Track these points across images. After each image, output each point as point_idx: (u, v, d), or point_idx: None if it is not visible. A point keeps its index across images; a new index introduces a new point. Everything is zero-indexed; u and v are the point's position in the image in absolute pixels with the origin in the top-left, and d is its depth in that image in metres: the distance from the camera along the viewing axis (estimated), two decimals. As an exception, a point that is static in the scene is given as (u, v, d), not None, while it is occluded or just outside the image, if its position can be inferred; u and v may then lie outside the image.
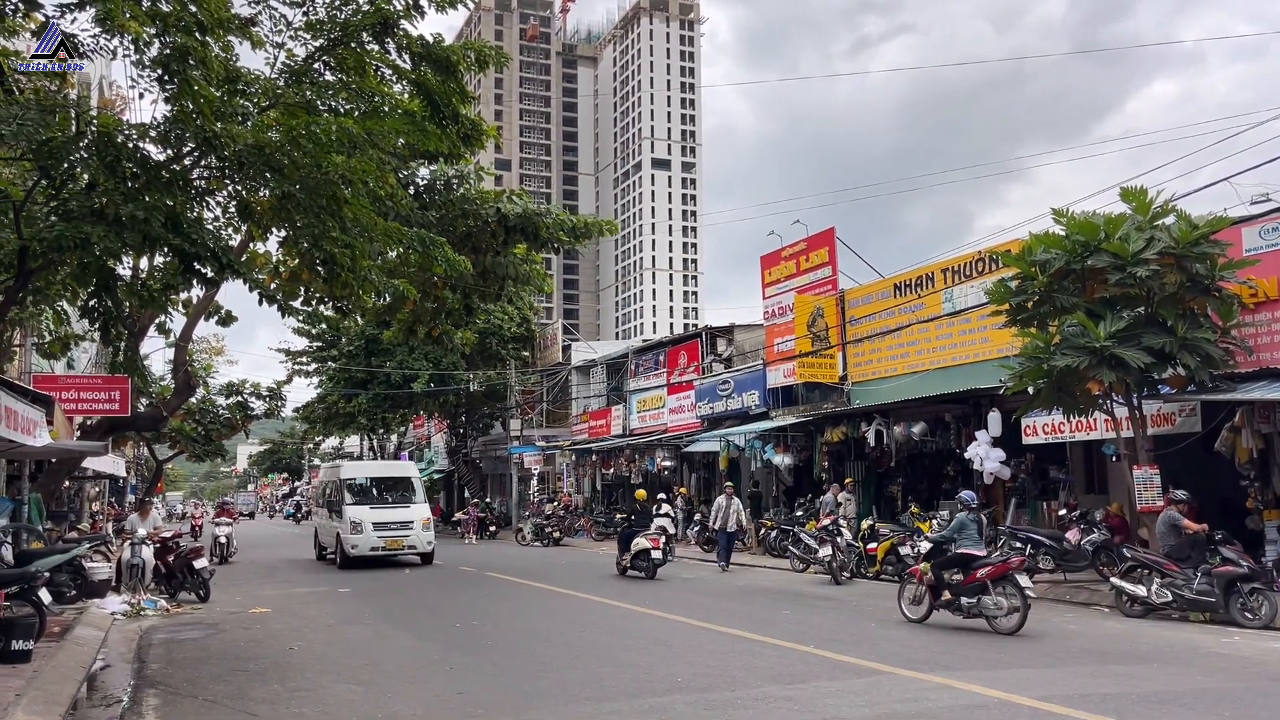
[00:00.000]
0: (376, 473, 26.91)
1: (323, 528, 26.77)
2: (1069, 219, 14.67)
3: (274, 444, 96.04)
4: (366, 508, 23.69)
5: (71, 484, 29.30)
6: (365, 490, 24.90)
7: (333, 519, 24.73)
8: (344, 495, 23.96)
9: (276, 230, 11.98)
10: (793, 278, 26.88)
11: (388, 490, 25.23)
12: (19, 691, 8.04)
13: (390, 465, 31.39)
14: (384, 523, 23.39)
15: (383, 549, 23.08)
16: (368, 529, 23.05)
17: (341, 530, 23.38)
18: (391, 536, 23.21)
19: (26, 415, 10.70)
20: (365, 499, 24.29)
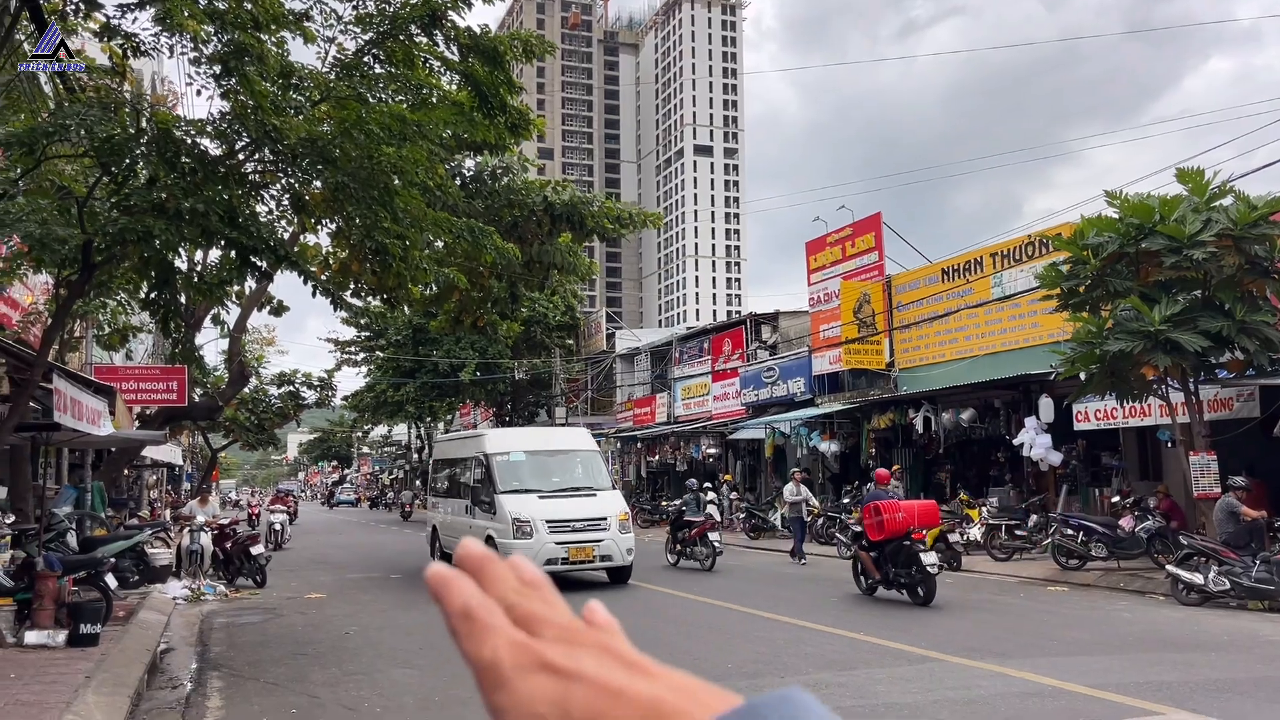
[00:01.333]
0: (540, 445, 17.93)
1: (447, 525, 18.89)
2: (1122, 201, 14.44)
3: (324, 433, 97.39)
4: (533, 498, 15.99)
5: (131, 472, 30.01)
6: (525, 471, 16.85)
7: (472, 515, 17.16)
8: (493, 479, 16.40)
9: (328, 222, 12.17)
10: (838, 263, 26.72)
11: (557, 472, 17.12)
12: (88, 674, 8.30)
13: (557, 434, 20.25)
14: (564, 521, 15.69)
15: (563, 562, 15.23)
16: (540, 531, 15.38)
17: (496, 532, 15.72)
18: (577, 543, 15.50)
19: (91, 406, 10.99)
20: (527, 484, 16.46)
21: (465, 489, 18.06)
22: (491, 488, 16.32)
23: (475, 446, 17.83)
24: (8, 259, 11.47)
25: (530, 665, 0.45)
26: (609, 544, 15.64)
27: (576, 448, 17.87)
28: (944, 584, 15.53)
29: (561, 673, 0.45)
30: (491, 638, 0.47)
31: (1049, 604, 13.28)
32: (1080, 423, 18.13)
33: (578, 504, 16.11)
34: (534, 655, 0.46)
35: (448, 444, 21.31)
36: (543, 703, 0.45)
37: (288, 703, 8.11)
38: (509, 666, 0.46)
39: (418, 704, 7.97)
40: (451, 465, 19.44)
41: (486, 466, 16.69)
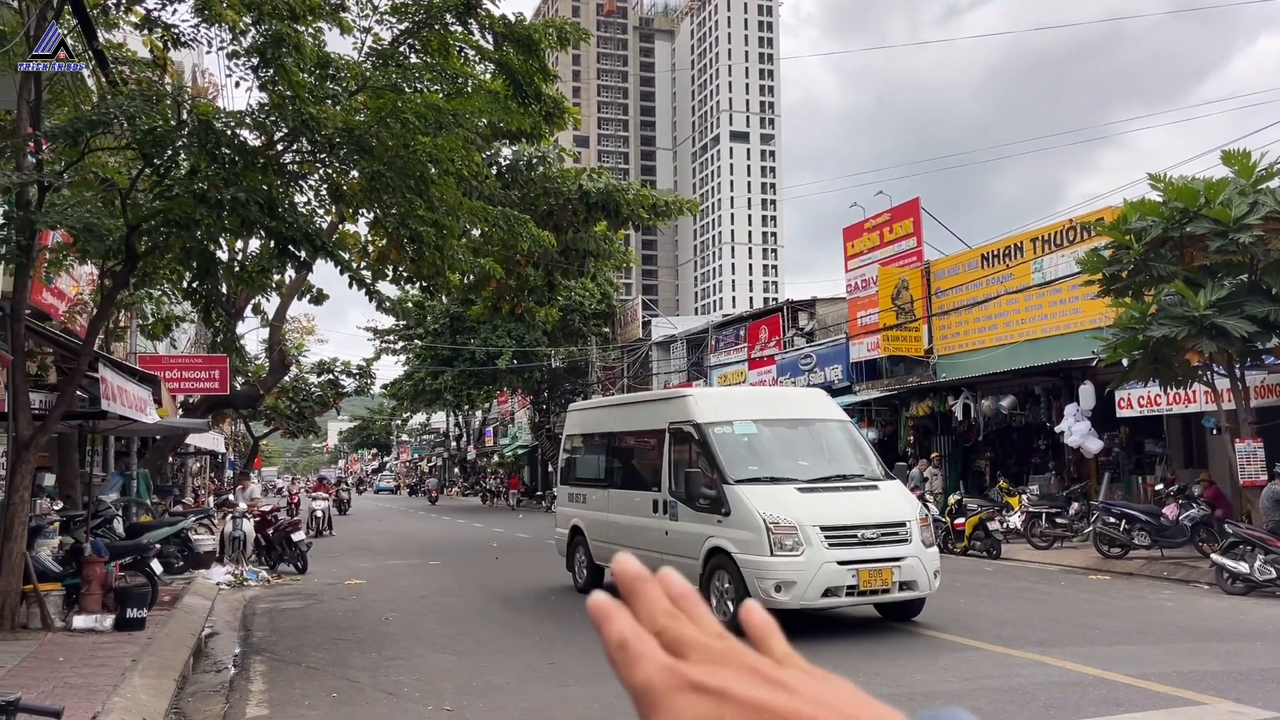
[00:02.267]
0: (775, 412, 12.04)
1: (608, 528, 13.14)
2: (1166, 184, 14.19)
3: (363, 420, 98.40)
4: (789, 491, 10.53)
5: (175, 459, 30.51)
6: (765, 451, 11.46)
7: (668, 515, 11.64)
8: (716, 462, 10.84)
9: (365, 211, 12.26)
10: (876, 249, 26.50)
11: (807, 451, 11.69)
12: (135, 657, 8.46)
13: (788, 396, 14.48)
14: (846, 529, 10.19)
15: (850, 591, 9.99)
16: (813, 544, 9.94)
17: (733, 544, 10.28)
18: (870, 562, 10.07)
19: (137, 394, 11.18)
20: (775, 471, 11.02)
21: (645, 476, 12.39)
22: (717, 475, 10.55)
23: (670, 413, 12.00)
24: (54, 250, 11.68)
25: (680, 687, 0.48)
26: (912, 564, 10.08)
27: (823, 416, 11.99)
28: (983, 571, 15.42)
29: (709, 692, 0.47)
30: (644, 665, 0.49)
31: (1090, 593, 13.13)
32: (1123, 409, 17.87)
33: (858, 501, 10.56)
34: (683, 677, 0.48)
35: (597, 413, 14.88)
36: (692, 718, 0.47)
37: (328, 686, 8.22)
38: (660, 690, 0.48)
39: (456, 689, 8.05)
40: (611, 443, 13.57)
41: (702, 443, 10.96)
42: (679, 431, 11.70)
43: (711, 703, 0.47)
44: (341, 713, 7.41)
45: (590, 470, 14.36)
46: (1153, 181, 14.41)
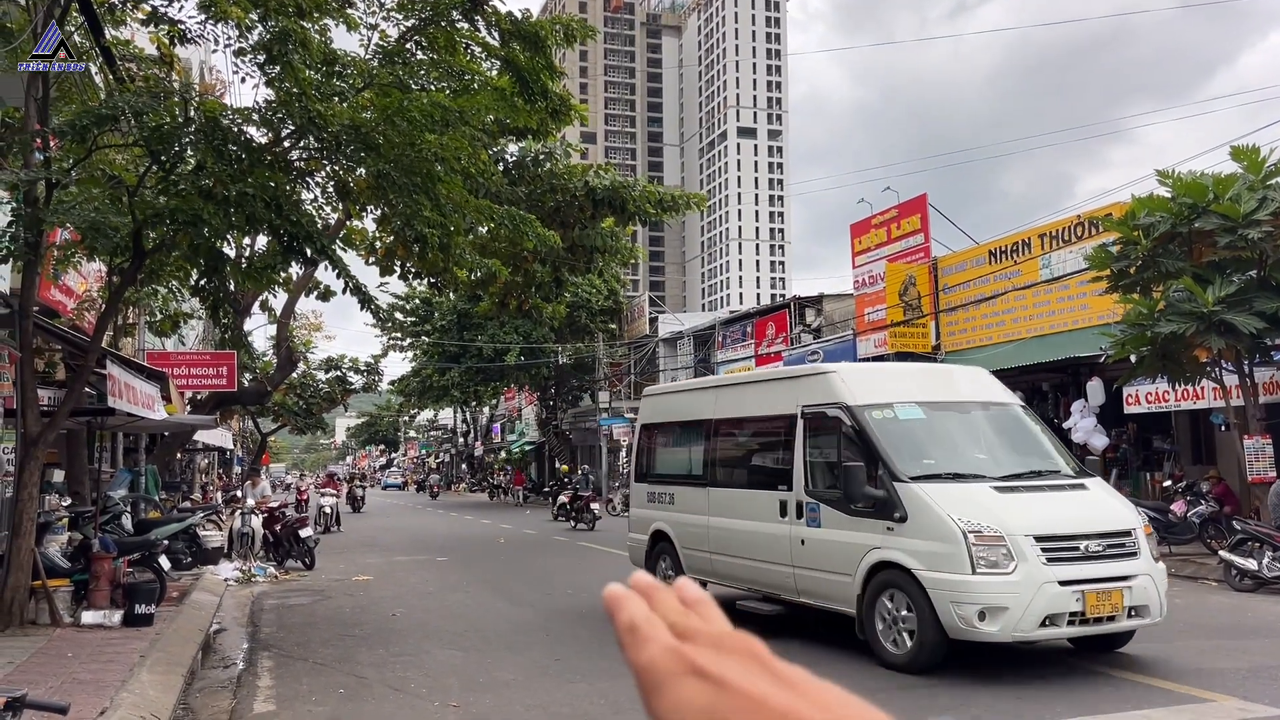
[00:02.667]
0: (942, 393, 9.91)
1: (696, 532, 11.28)
2: (1175, 180, 14.14)
3: (371, 417, 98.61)
4: (984, 490, 8.59)
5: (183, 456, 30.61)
6: (939, 441, 9.48)
7: (804, 520, 9.56)
8: (881, 454, 8.79)
9: (373, 209, 12.28)
10: (883, 246, 26.44)
11: (988, 443, 9.63)
12: (143, 653, 8.49)
13: (950, 374, 11.59)
14: (1064, 540, 8.19)
15: (1074, 619, 7.91)
16: (1027, 558, 7.93)
17: (913, 558, 8.23)
18: (1098, 584, 8.02)
19: (145, 391, 11.22)
20: (957, 466, 9.06)
21: (766, 472, 10.29)
22: (883, 471, 8.55)
23: (805, 394, 9.76)
24: (62, 247, 11.71)
25: (682, 670, 0.48)
26: (1144, 584, 8.16)
27: (996, 398, 9.92)
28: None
29: (710, 678, 0.48)
30: (650, 646, 0.50)
31: (1098, 590, 13.08)
32: (1131, 406, 17.82)
33: (1069, 504, 8.58)
34: (686, 661, 0.49)
35: (689, 397, 12.50)
36: (693, 705, 0.47)
37: (335, 682, 8.25)
38: (663, 671, 0.49)
39: (462, 685, 8.06)
40: (712, 432, 11.23)
41: (856, 431, 8.96)
42: (818, 416, 9.47)
43: (710, 690, 0.47)
44: (348, 708, 7.43)
45: (679, 465, 12.01)
46: (1161, 177, 14.36)
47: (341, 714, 7.29)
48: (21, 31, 9.60)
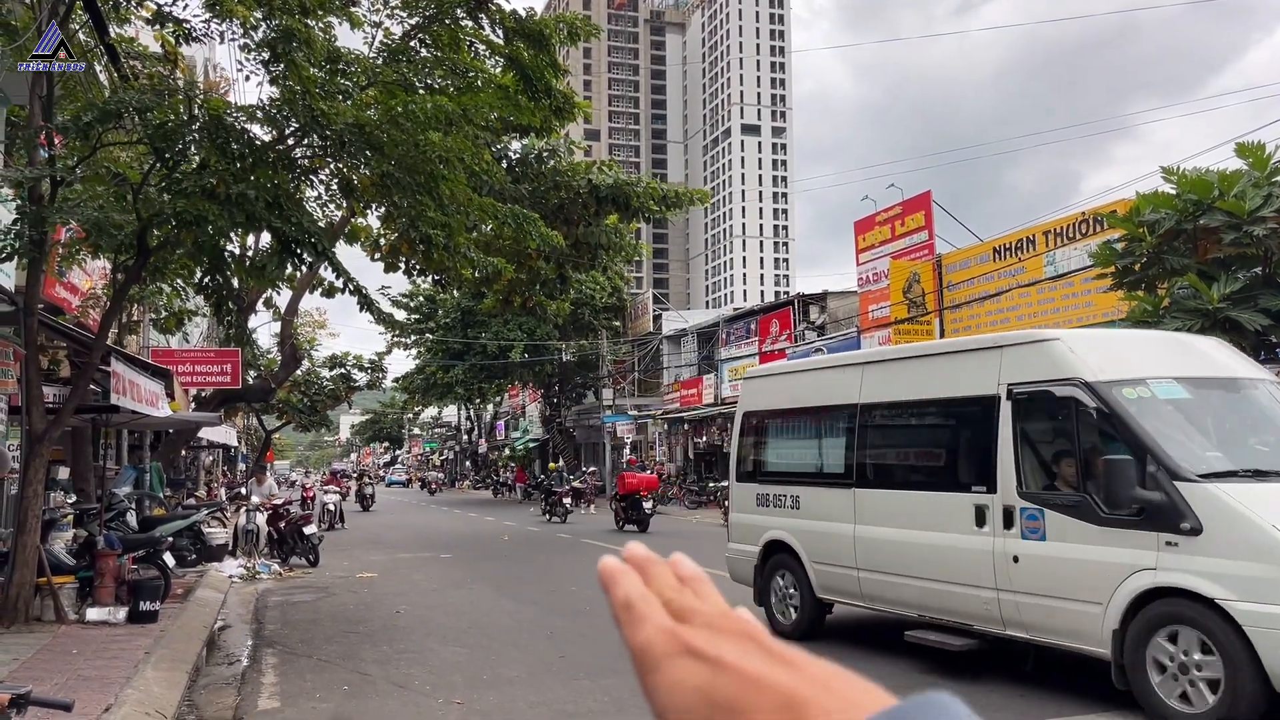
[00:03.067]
0: (1198, 368, 7.76)
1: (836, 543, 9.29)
2: (1180, 177, 14.10)
3: (375, 414, 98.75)
4: None
5: (188, 453, 30.67)
6: (1210, 425, 7.61)
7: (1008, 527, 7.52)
8: (1150, 446, 6.74)
9: (377, 207, 12.29)
10: (887, 243, 26.43)
11: (1265, 431, 7.61)
12: (148, 650, 8.51)
13: (1196, 346, 8.41)
14: None
15: None
16: None
17: (1223, 588, 6.19)
18: None
19: (149, 388, 11.24)
20: (1248, 460, 7.08)
21: (949, 468, 8.38)
22: (1158, 466, 6.74)
23: (1012, 368, 7.85)
24: (67, 245, 11.74)
25: (678, 651, 0.48)
26: None
27: (1257, 374, 8.19)
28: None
29: (705, 658, 0.48)
30: (646, 626, 0.50)
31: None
32: (1135, 404, 17.78)
33: None
34: (681, 641, 0.49)
35: (819, 377, 10.28)
36: (688, 685, 0.47)
37: (340, 679, 8.26)
38: (659, 652, 0.49)
39: (466, 682, 8.07)
40: (860, 420, 9.19)
41: (1107, 416, 7.13)
42: (1037, 396, 7.56)
43: (706, 670, 0.47)
44: (353, 705, 7.45)
45: (805, 461, 10.13)
46: (1166, 174, 14.33)
47: (346, 711, 7.30)
48: (26, 29, 9.60)
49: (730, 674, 0.47)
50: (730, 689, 0.46)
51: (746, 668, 0.47)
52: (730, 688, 0.46)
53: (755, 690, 0.46)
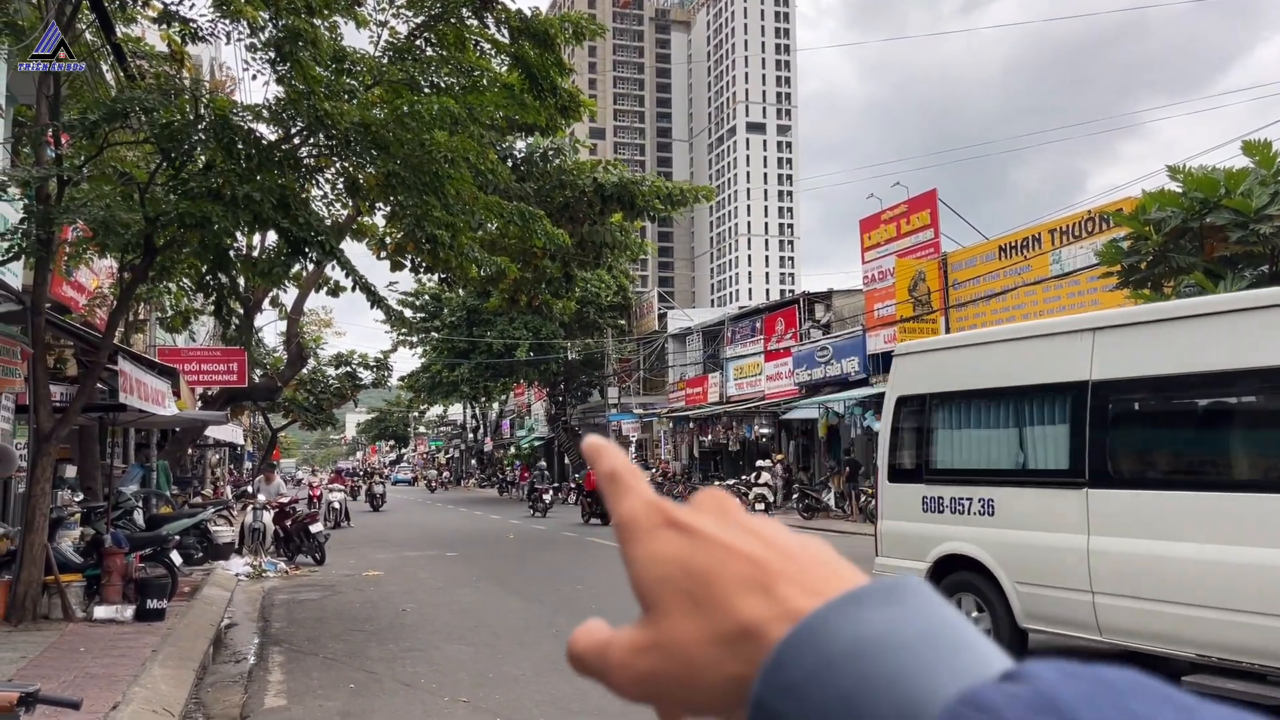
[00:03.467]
0: None
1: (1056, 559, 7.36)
2: (1186, 175, 14.07)
3: (381, 413, 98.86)
4: None
5: (194, 452, 30.72)
6: None
7: None
8: None
9: (382, 205, 12.31)
10: (893, 241, 26.40)
11: None
12: (155, 647, 8.54)
13: None
14: None
15: None
16: None
17: None
18: None
19: (155, 387, 11.26)
20: None
21: (1256, 464, 6.55)
22: None
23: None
24: (74, 244, 11.77)
25: (660, 523, 0.50)
26: None
27: None
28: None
29: (685, 529, 0.49)
30: (631, 498, 0.51)
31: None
32: (1142, 402, 17.76)
33: None
34: (663, 514, 0.50)
35: (1033, 348, 7.97)
36: (667, 556, 0.48)
37: (346, 677, 8.28)
38: (643, 524, 0.50)
39: (472, 680, 8.09)
40: (1098, 398, 7.20)
41: None
42: None
43: (685, 540, 0.49)
44: (359, 703, 7.46)
45: (1001, 453, 8.16)
46: (1172, 172, 14.29)
47: (352, 709, 7.32)
48: (33, 29, 9.63)
49: (706, 543, 0.48)
50: (704, 558, 0.47)
51: (721, 537, 0.48)
52: (704, 557, 0.47)
53: (727, 559, 0.47)
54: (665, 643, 0.47)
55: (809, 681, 0.41)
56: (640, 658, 0.48)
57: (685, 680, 0.46)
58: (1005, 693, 0.36)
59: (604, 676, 0.49)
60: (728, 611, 0.46)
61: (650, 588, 0.48)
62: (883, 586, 0.43)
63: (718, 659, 0.45)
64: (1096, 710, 0.34)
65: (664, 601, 0.48)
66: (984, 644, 0.42)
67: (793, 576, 0.46)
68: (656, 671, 0.47)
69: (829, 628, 0.42)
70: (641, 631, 0.48)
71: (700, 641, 0.46)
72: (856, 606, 0.42)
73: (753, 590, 0.46)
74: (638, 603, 0.50)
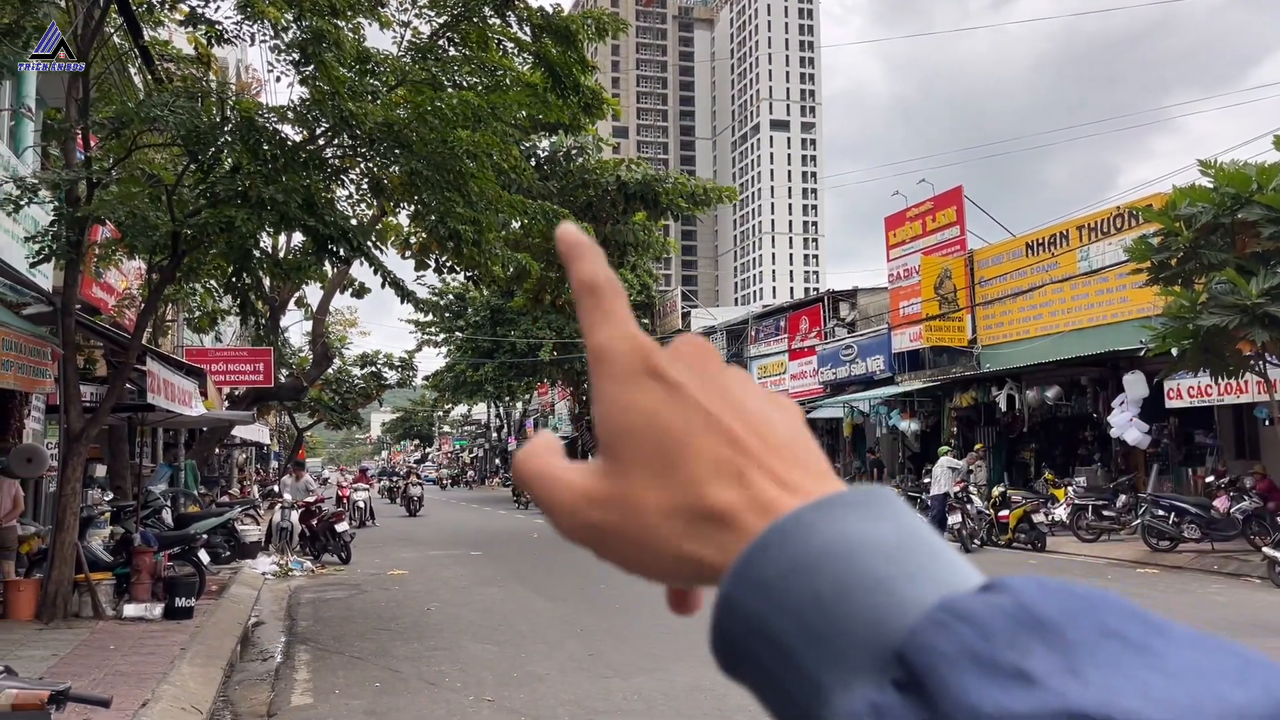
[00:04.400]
0: None
1: None
2: (1217, 170, 13.88)
3: (406, 412, 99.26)
4: None
5: (221, 451, 30.99)
6: None
7: None
8: None
9: (406, 205, 12.35)
10: (918, 238, 26.23)
11: None
12: (183, 645, 8.61)
13: None
14: None
15: None
16: None
17: None
18: None
19: (183, 387, 11.36)
20: None
21: None
22: None
23: None
24: (103, 245, 11.89)
25: (640, 366, 0.45)
26: None
27: None
28: (1028, 565, 15.25)
29: (666, 383, 0.45)
30: (611, 326, 0.46)
31: (1137, 586, 12.92)
32: (1172, 400, 17.55)
33: None
34: (646, 357, 0.46)
35: None
36: (641, 407, 0.45)
37: (371, 676, 8.31)
38: (622, 364, 0.46)
39: (496, 679, 8.09)
40: None
41: None
42: None
43: (663, 394, 0.45)
44: (384, 702, 7.49)
45: None
46: (1203, 167, 14.10)
47: (377, 707, 7.34)
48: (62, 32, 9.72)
49: (684, 405, 0.45)
50: (681, 422, 0.44)
51: (701, 401, 0.45)
52: (681, 421, 0.44)
53: (704, 429, 0.44)
54: (623, 501, 0.45)
55: (783, 580, 0.39)
56: (593, 508, 0.45)
57: (637, 543, 0.45)
58: (986, 602, 0.36)
59: (549, 512, 0.47)
60: (697, 489, 0.43)
61: (618, 437, 0.45)
62: (860, 493, 0.42)
63: (677, 533, 0.43)
64: (1073, 622, 0.34)
65: (629, 456, 0.45)
66: (959, 559, 0.40)
67: (766, 464, 0.44)
68: (608, 526, 0.45)
69: (806, 527, 0.40)
70: (599, 480, 0.46)
71: (661, 511, 0.44)
72: (834, 509, 0.41)
73: (725, 473, 0.43)
74: (599, 441, 0.46)
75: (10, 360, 8.80)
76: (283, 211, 9.11)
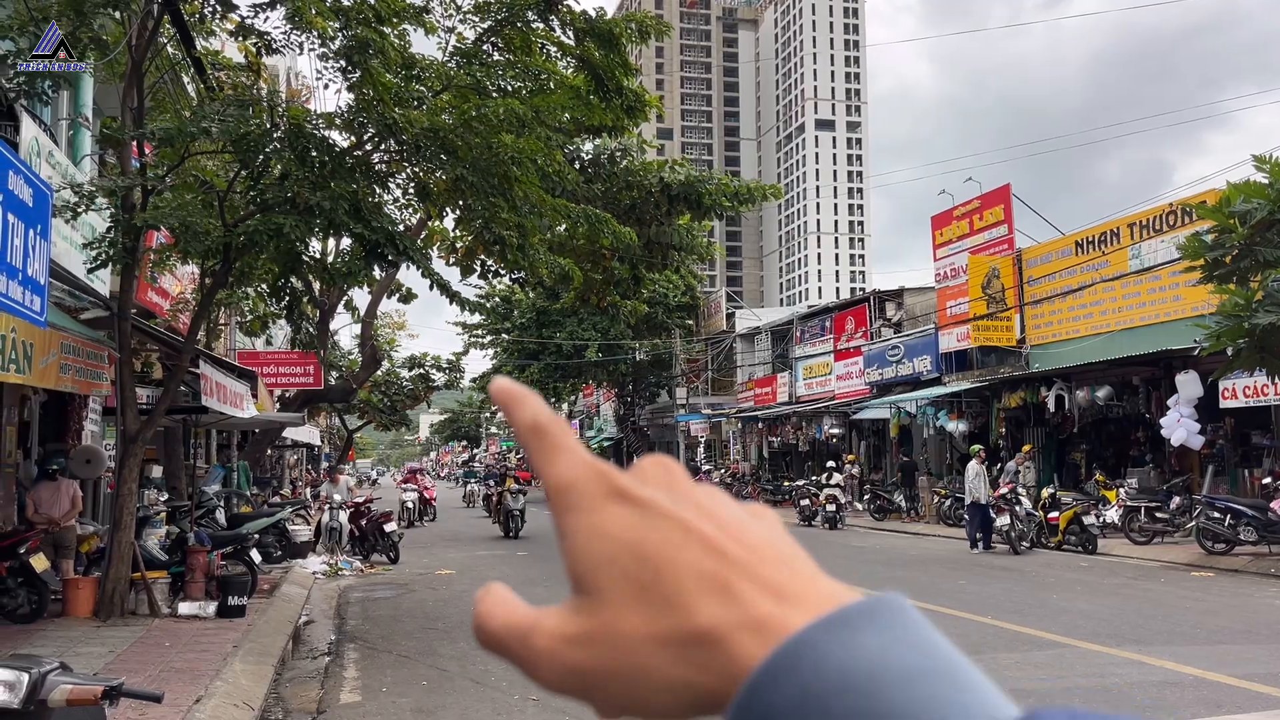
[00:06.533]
0: None
1: None
2: (1273, 165, 13.58)
3: (453, 413, 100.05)
4: None
5: (273, 452, 31.47)
6: None
7: None
8: None
9: (452, 210, 12.48)
10: (965, 238, 25.94)
11: None
12: (236, 643, 8.78)
13: None
14: None
15: None
16: None
17: None
18: None
19: (235, 389, 11.57)
20: None
21: None
22: None
23: None
24: (158, 251, 12.16)
25: (605, 492, 0.43)
26: None
27: None
28: (1078, 567, 15.03)
29: (634, 503, 0.43)
30: (568, 458, 0.44)
31: (1192, 590, 12.68)
32: (1227, 400, 17.19)
33: None
34: (609, 482, 0.43)
35: None
36: (612, 533, 0.42)
37: (419, 675, 8.42)
38: (584, 491, 0.43)
39: (542, 679, 8.15)
40: None
41: None
42: None
43: (634, 516, 0.42)
44: (431, 700, 7.58)
45: None
46: (1259, 163, 13.81)
47: (425, 706, 7.44)
48: (116, 44, 9.97)
49: (658, 522, 0.42)
50: (657, 541, 0.41)
51: (675, 514, 0.42)
52: (657, 539, 0.41)
53: (682, 544, 0.41)
54: (605, 635, 0.41)
55: (795, 713, 0.36)
56: (574, 649, 0.42)
57: (627, 679, 0.41)
58: None
59: (525, 665, 0.43)
60: (683, 611, 0.40)
61: (591, 569, 0.42)
62: (868, 606, 0.39)
63: (667, 661, 0.40)
64: None
65: (606, 587, 0.42)
66: (982, 681, 0.38)
67: (753, 572, 0.41)
68: (593, 666, 0.42)
69: (816, 652, 0.37)
70: (576, 618, 0.43)
71: (648, 639, 0.41)
72: (843, 629, 0.38)
73: (711, 588, 0.40)
74: (570, 581, 0.44)
75: (68, 364, 9.04)
76: (330, 218, 9.26)
